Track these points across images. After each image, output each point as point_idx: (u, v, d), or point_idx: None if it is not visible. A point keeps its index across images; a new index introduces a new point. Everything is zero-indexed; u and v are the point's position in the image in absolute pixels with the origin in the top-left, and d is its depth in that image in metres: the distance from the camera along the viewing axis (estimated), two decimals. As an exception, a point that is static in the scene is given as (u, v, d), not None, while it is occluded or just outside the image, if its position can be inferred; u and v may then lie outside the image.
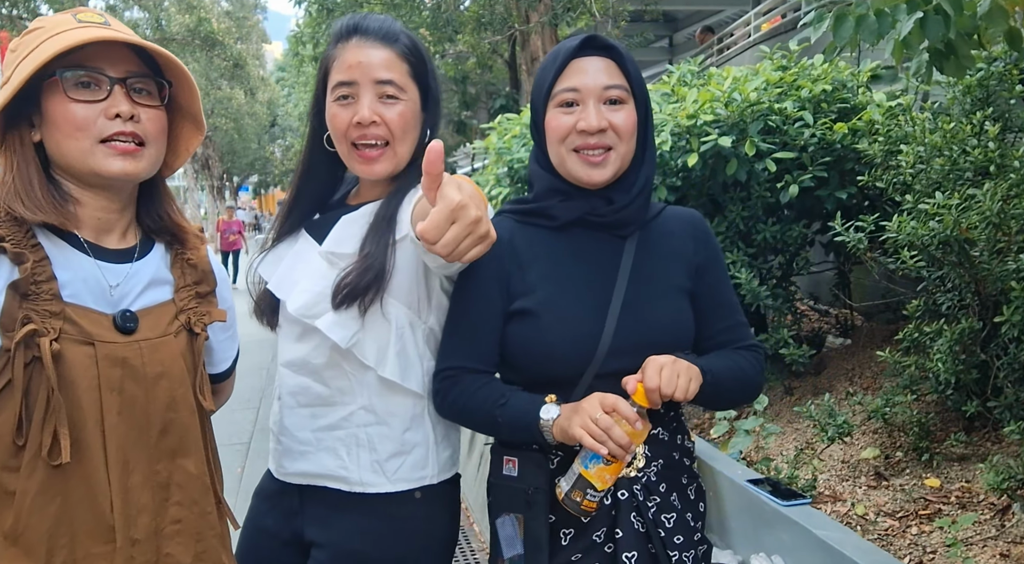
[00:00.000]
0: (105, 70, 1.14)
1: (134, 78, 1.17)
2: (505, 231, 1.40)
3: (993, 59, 2.94)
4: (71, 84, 1.13)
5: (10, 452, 1.08)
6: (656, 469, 1.37)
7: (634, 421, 1.22)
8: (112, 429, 1.13)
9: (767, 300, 3.57)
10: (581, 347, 1.33)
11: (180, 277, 1.27)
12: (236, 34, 23.18)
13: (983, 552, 2.40)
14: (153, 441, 1.17)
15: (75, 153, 1.13)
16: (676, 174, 3.62)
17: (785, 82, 3.68)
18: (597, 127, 1.30)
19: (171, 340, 1.20)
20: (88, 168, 1.14)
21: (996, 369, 2.77)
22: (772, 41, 6.19)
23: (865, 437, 3.27)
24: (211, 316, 1.28)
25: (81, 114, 1.12)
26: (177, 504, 1.20)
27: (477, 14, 11.54)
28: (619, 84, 1.33)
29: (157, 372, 1.17)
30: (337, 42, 1.45)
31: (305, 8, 12.58)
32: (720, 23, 15.14)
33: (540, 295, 1.36)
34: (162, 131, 1.20)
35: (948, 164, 2.78)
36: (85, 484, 1.11)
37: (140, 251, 1.24)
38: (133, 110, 1.14)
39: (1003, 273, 2.52)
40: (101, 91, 1.14)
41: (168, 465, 1.19)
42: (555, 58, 1.35)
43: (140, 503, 1.16)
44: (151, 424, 1.17)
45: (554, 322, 1.34)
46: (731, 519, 2.98)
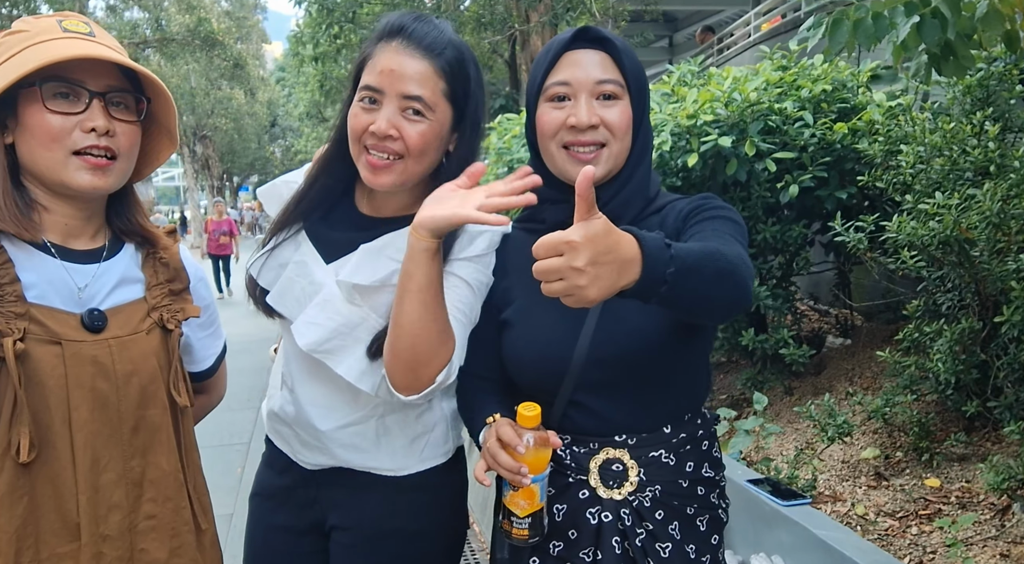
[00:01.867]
0: (85, 83, 1.15)
1: (113, 93, 1.17)
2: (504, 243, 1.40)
3: (993, 59, 2.94)
4: (50, 94, 1.13)
5: None
6: (653, 494, 1.28)
7: (515, 445, 1.17)
8: (81, 427, 1.13)
9: (767, 300, 3.57)
10: (551, 359, 1.27)
11: (152, 275, 1.28)
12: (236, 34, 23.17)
13: (983, 552, 2.40)
14: (126, 438, 1.18)
15: (47, 163, 1.14)
16: (676, 174, 3.62)
17: (785, 82, 3.68)
18: (588, 123, 1.24)
19: (142, 338, 1.21)
20: (58, 179, 1.15)
21: (996, 369, 2.77)
22: (772, 41, 6.19)
23: (865, 437, 3.28)
24: (185, 312, 1.29)
25: (57, 125, 1.13)
26: (151, 500, 1.21)
27: (477, 14, 11.55)
28: (613, 78, 1.26)
29: (128, 370, 1.18)
30: (380, 39, 1.33)
31: (305, 8, 12.59)
32: (720, 23, 15.14)
33: (517, 305, 1.34)
34: (134, 145, 1.21)
35: (948, 164, 2.78)
36: (51, 483, 1.12)
37: (109, 251, 1.25)
38: (109, 125, 1.15)
39: (1003, 273, 2.52)
40: (79, 104, 1.15)
41: (141, 462, 1.20)
42: (548, 51, 1.29)
43: (112, 500, 1.17)
44: (123, 421, 1.18)
45: (524, 334, 1.31)
46: (731, 519, 2.98)
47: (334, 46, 12.92)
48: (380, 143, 1.29)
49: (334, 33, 12.60)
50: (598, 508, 1.27)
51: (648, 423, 1.29)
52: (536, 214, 1.35)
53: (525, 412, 1.19)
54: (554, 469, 1.29)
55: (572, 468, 1.29)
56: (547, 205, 1.29)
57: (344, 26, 12.38)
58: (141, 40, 19.92)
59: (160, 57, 21.21)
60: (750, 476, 2.96)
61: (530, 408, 1.20)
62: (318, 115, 22.20)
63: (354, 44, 12.58)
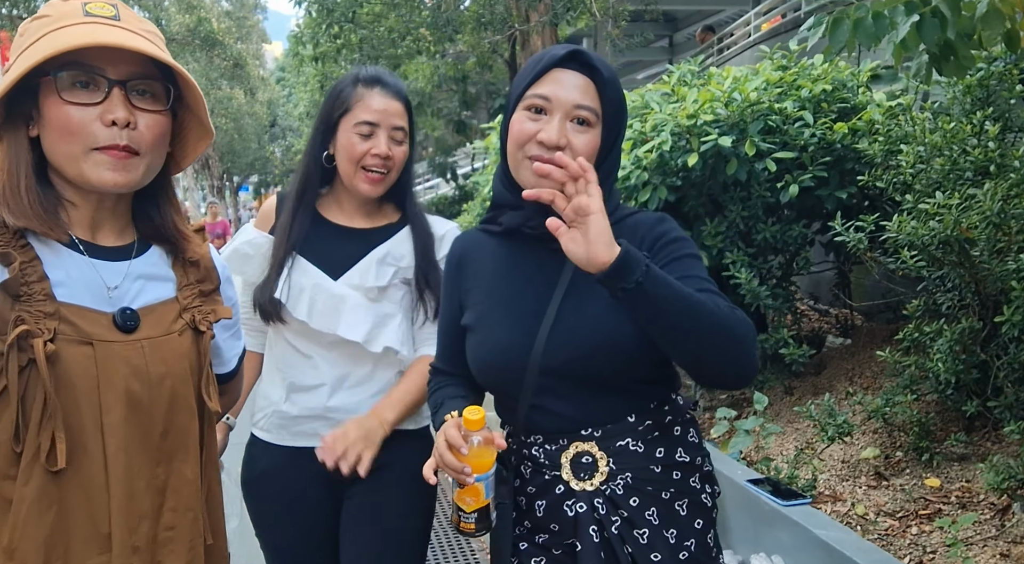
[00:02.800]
0: (105, 71, 1.06)
1: (136, 80, 1.09)
2: (464, 245, 1.48)
3: (993, 59, 2.94)
4: (66, 84, 1.06)
5: (9, 460, 1.03)
6: (624, 482, 1.30)
7: (459, 446, 1.23)
8: (113, 431, 1.08)
9: (767, 300, 3.57)
10: (506, 367, 1.33)
11: (182, 275, 1.22)
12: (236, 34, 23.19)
13: (983, 552, 2.40)
14: (155, 443, 1.13)
15: (66, 157, 1.08)
16: (676, 174, 3.62)
17: (785, 82, 3.68)
18: (555, 142, 1.26)
19: (175, 339, 1.16)
20: (78, 174, 1.09)
21: (996, 369, 2.77)
22: (772, 41, 6.19)
23: (865, 437, 3.28)
24: (216, 314, 1.23)
25: (75, 117, 1.06)
26: (171, 510, 1.15)
27: (477, 14, 11.53)
28: (590, 106, 1.29)
29: (161, 372, 1.13)
30: (358, 84, 1.75)
31: (305, 8, 12.58)
32: (720, 23, 15.14)
33: (478, 311, 1.39)
34: (161, 137, 1.13)
35: (948, 164, 2.78)
36: (83, 490, 1.06)
37: (139, 248, 1.19)
38: (130, 117, 1.07)
39: (1003, 273, 2.52)
40: (98, 93, 1.07)
41: (166, 469, 1.15)
42: (537, 62, 1.32)
43: (142, 509, 1.11)
44: (154, 426, 1.12)
45: (482, 340, 1.36)
46: (731, 519, 2.98)
47: (334, 46, 12.91)
48: (381, 162, 1.73)
49: (334, 33, 12.60)
50: (573, 500, 1.31)
51: (612, 416, 1.33)
52: (495, 216, 1.41)
53: (469, 416, 1.24)
54: (531, 468, 1.35)
55: (546, 465, 1.33)
56: (506, 209, 1.37)
57: (344, 26, 12.37)
58: (141, 40, 19.89)
59: (160, 57, 21.18)
60: (750, 476, 2.96)
61: (474, 412, 1.24)
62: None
63: (354, 44, 12.58)
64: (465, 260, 1.45)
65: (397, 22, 12.34)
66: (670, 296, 1.14)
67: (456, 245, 1.50)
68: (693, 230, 3.80)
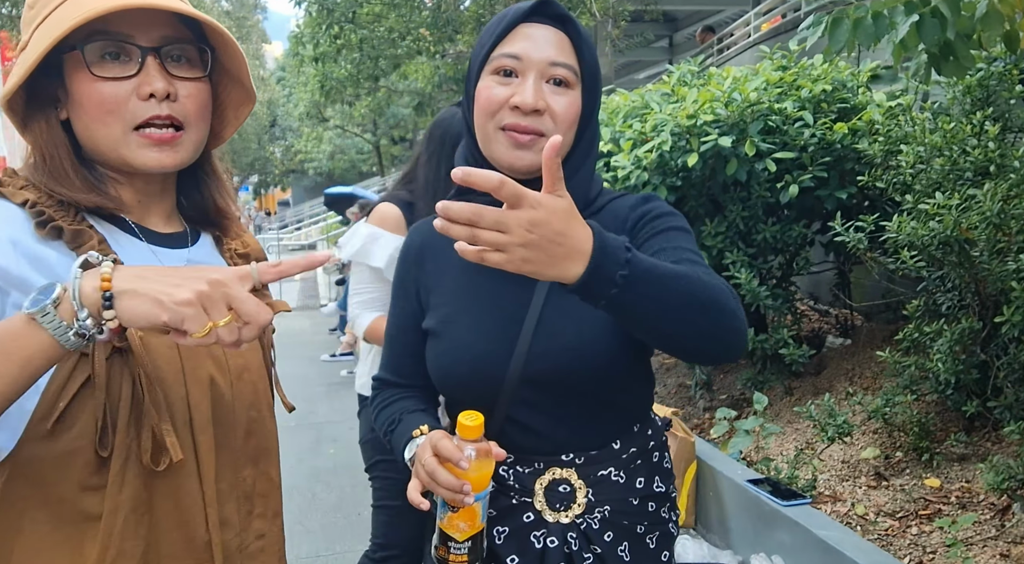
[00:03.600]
0: (135, 38, 0.94)
1: (170, 45, 0.96)
2: (422, 235, 1.27)
3: (993, 59, 2.94)
4: (95, 57, 0.93)
5: (91, 468, 0.89)
6: (601, 515, 1.18)
7: (458, 460, 1.02)
8: (203, 429, 0.97)
9: (767, 300, 3.57)
10: (481, 378, 1.15)
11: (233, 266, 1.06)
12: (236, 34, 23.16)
13: (983, 552, 2.40)
14: (239, 444, 1.02)
15: (105, 140, 0.96)
16: (676, 174, 3.62)
17: (785, 82, 3.68)
18: (533, 105, 1.08)
19: None
20: (120, 158, 0.97)
21: (996, 369, 2.77)
22: (772, 41, 6.19)
23: (865, 437, 3.28)
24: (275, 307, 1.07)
25: (109, 93, 0.93)
26: (260, 516, 1.04)
27: (477, 14, 11.54)
28: (568, 63, 1.11)
29: (239, 364, 1.03)
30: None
31: (305, 8, 12.59)
32: (720, 23, 15.14)
33: (443, 313, 1.21)
34: (205, 107, 1.01)
35: (948, 164, 2.78)
36: (174, 496, 0.94)
37: (192, 236, 1.09)
38: (169, 87, 0.95)
39: (1003, 273, 2.52)
40: (132, 64, 0.94)
41: (253, 471, 1.04)
42: (501, 19, 1.13)
43: (224, 515, 1.00)
44: (237, 424, 1.02)
45: (451, 348, 1.18)
46: (731, 519, 2.98)
47: (334, 46, 12.92)
48: None
49: (334, 33, 12.61)
50: (543, 532, 1.17)
51: (596, 439, 1.18)
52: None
53: (467, 422, 1.04)
54: (496, 489, 1.18)
55: (516, 489, 1.18)
56: (475, 195, 1.05)
57: (344, 26, 12.38)
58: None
59: (160, 57, 21.20)
60: (750, 476, 2.96)
61: (472, 417, 1.05)
62: (318, 115, 22.20)
63: (354, 44, 12.59)
64: (425, 253, 1.26)
65: (397, 22, 12.35)
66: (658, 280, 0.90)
67: (413, 236, 1.30)
68: (693, 230, 3.80)
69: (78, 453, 0.88)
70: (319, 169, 29.47)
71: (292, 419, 5.56)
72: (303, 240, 23.76)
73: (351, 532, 3.60)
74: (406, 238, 1.32)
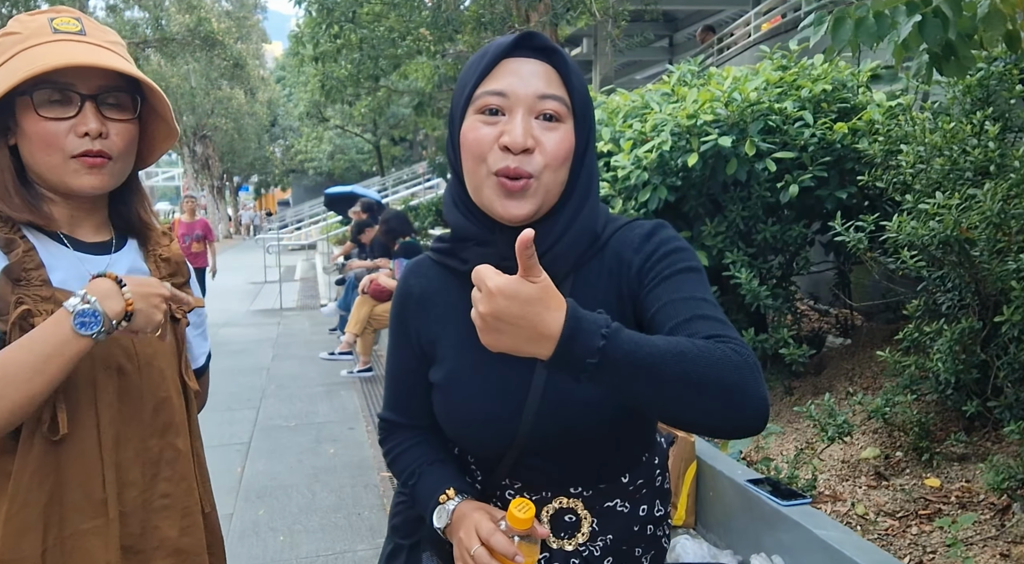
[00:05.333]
0: (76, 86, 1.16)
1: (106, 93, 1.19)
2: (419, 281, 1.21)
3: (993, 59, 2.94)
4: (42, 101, 1.16)
5: (8, 434, 1.12)
6: (604, 543, 1.17)
7: (512, 555, 1.00)
8: (107, 407, 1.19)
9: (767, 300, 3.57)
10: (492, 435, 1.12)
11: (155, 269, 1.33)
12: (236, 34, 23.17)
13: (983, 552, 2.40)
14: (147, 419, 1.24)
15: (47, 167, 1.18)
16: (676, 174, 3.62)
17: (785, 82, 3.68)
18: (523, 145, 1.01)
19: None
20: (61, 182, 1.19)
21: (996, 369, 2.77)
22: (772, 41, 6.19)
23: (865, 437, 3.28)
24: (189, 304, 1.33)
25: (52, 131, 1.16)
26: (166, 480, 1.26)
27: (477, 14, 11.54)
28: (558, 95, 1.05)
29: (148, 353, 1.25)
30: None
31: (305, 8, 12.58)
32: (720, 23, 15.15)
33: (448, 367, 1.16)
34: (131, 143, 1.24)
35: (948, 164, 2.78)
36: (79, 460, 1.16)
37: (116, 244, 1.31)
38: (101, 128, 1.18)
39: (1003, 273, 2.52)
40: (72, 107, 1.17)
41: (159, 442, 1.26)
42: (483, 55, 1.08)
43: (129, 478, 1.22)
44: (144, 403, 1.24)
45: (460, 406, 1.14)
46: (731, 519, 2.98)
47: (334, 46, 12.91)
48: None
49: (334, 33, 12.59)
50: (545, 557, 1.17)
51: (605, 475, 1.17)
52: (458, 250, 1.14)
53: (519, 514, 1.01)
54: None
55: None
56: (471, 244, 1.10)
57: (344, 26, 12.37)
58: (141, 40, 19.90)
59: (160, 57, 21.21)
60: (750, 476, 2.96)
61: (523, 508, 1.02)
62: (318, 115, 22.19)
63: (354, 44, 12.58)
64: (426, 302, 1.20)
65: (397, 22, 12.35)
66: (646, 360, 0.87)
67: (411, 281, 1.22)
68: (693, 230, 3.80)
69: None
70: (319, 169, 29.47)
71: (292, 419, 5.56)
72: (303, 240, 23.76)
73: (351, 532, 3.60)
74: (402, 282, 1.24)
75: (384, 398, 1.30)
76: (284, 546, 3.50)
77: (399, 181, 23.91)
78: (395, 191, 22.23)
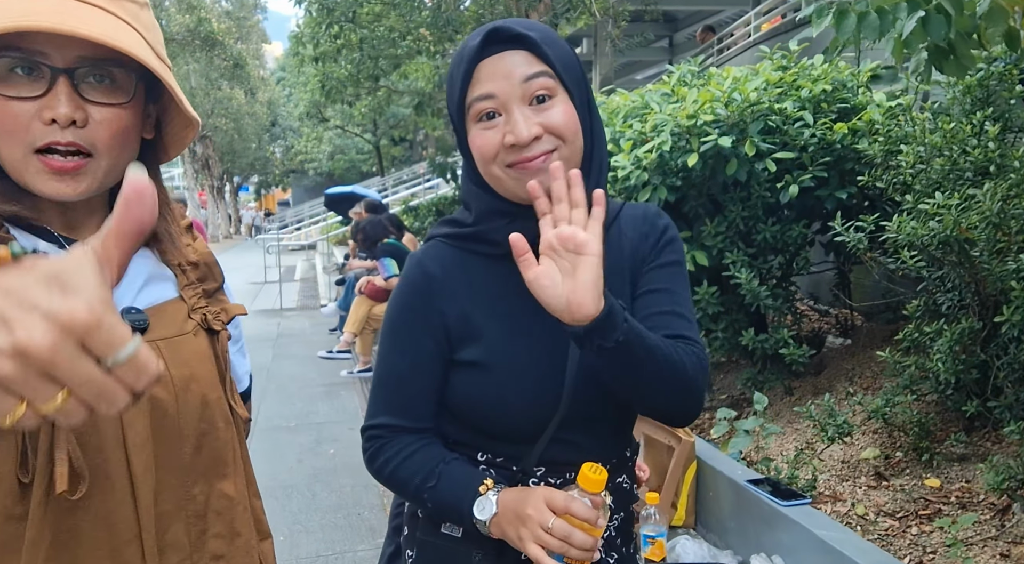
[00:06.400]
0: (48, 57, 0.84)
1: (86, 67, 0.87)
2: (437, 264, 1.18)
3: (993, 59, 2.94)
4: (3, 71, 0.85)
5: (14, 496, 0.82)
6: (616, 522, 1.19)
7: (595, 518, 1.01)
8: (139, 448, 0.90)
9: (767, 300, 3.57)
10: (542, 402, 1.12)
11: (181, 274, 1.05)
12: (236, 34, 23.21)
13: (983, 552, 2.40)
14: (187, 460, 0.95)
15: (8, 161, 0.88)
16: (676, 174, 3.62)
17: (785, 82, 3.68)
18: (529, 137, 1.03)
19: (191, 339, 1.00)
20: (22, 181, 0.89)
21: (996, 369, 2.77)
22: (772, 41, 6.19)
23: (865, 437, 3.28)
24: (227, 312, 1.07)
25: (11, 113, 0.85)
26: (216, 536, 0.98)
27: (477, 14, 11.54)
28: (541, 71, 1.05)
29: (185, 375, 0.96)
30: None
31: (305, 8, 12.59)
32: (720, 23, 15.15)
33: (489, 343, 1.14)
34: (121, 133, 0.91)
35: (948, 164, 2.78)
36: (105, 522, 0.87)
37: None
38: (75, 114, 0.86)
39: (1003, 273, 2.52)
40: (41, 84, 0.85)
41: (205, 488, 0.97)
42: (459, 63, 1.08)
43: (171, 538, 0.93)
44: (184, 438, 0.95)
45: (509, 376, 1.13)
46: (731, 519, 2.98)
47: (334, 46, 12.92)
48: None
49: (334, 33, 12.60)
50: None
51: (617, 449, 1.20)
52: (487, 235, 1.15)
53: (593, 475, 1.02)
54: None
55: None
56: (501, 225, 1.11)
57: (344, 26, 12.38)
58: (141, 40, 19.90)
59: (160, 57, 21.23)
60: (750, 476, 2.96)
61: (596, 469, 1.03)
62: (318, 115, 22.20)
63: (354, 44, 12.58)
64: (454, 280, 1.17)
65: (397, 22, 12.35)
66: (642, 353, 1.00)
67: (427, 267, 1.18)
68: (693, 230, 3.80)
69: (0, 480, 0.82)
70: (319, 169, 29.49)
71: (292, 419, 5.56)
72: (303, 240, 23.76)
73: (351, 532, 3.60)
74: (417, 268, 1.19)
75: (378, 402, 1.20)
76: (284, 546, 3.50)
77: (399, 181, 23.91)
78: (395, 191, 22.24)
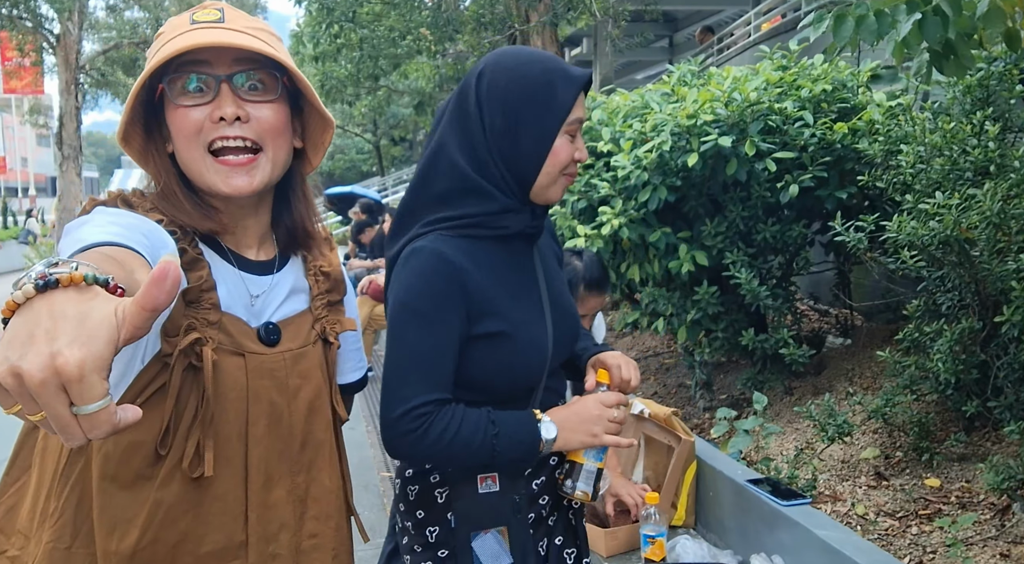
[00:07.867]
0: (210, 70, 1.05)
1: (241, 72, 1.07)
2: (451, 251, 1.31)
3: (993, 59, 2.94)
4: (177, 90, 1.06)
5: (149, 460, 1.03)
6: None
7: (624, 402, 1.38)
8: (257, 443, 1.09)
9: (767, 300, 3.57)
10: (543, 358, 1.38)
11: (315, 285, 1.22)
12: (236, 34, 23.10)
13: (983, 552, 2.40)
14: (295, 454, 1.14)
15: (191, 165, 1.07)
16: (676, 174, 3.62)
17: (785, 82, 3.68)
18: (586, 160, 1.42)
19: (311, 350, 1.17)
20: (205, 183, 1.07)
21: (996, 369, 2.77)
22: (772, 41, 6.19)
23: (865, 437, 3.28)
24: (342, 325, 1.24)
25: (190, 119, 1.05)
26: (314, 518, 1.17)
27: (477, 14, 11.55)
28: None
29: (297, 384, 1.14)
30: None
31: (305, 7, 12.60)
32: (720, 23, 15.15)
33: (507, 315, 1.33)
34: (279, 126, 1.10)
35: (948, 164, 2.78)
36: (221, 500, 1.07)
37: (279, 262, 1.19)
38: (238, 111, 1.05)
39: (1003, 273, 2.52)
40: (208, 92, 1.06)
41: (306, 478, 1.16)
42: (570, 83, 1.32)
43: (282, 518, 1.13)
44: (293, 436, 1.14)
45: (528, 341, 1.35)
46: (731, 519, 2.98)
47: (334, 45, 12.92)
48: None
49: (334, 32, 12.61)
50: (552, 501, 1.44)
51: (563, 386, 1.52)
52: (493, 221, 1.34)
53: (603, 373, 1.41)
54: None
55: None
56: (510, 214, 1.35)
57: (344, 25, 12.38)
58: (141, 40, 19.90)
59: (160, 57, 21.21)
60: (750, 476, 2.96)
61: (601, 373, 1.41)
62: (318, 115, 22.15)
63: (354, 43, 12.59)
64: (475, 264, 1.32)
65: (397, 22, 12.36)
66: None
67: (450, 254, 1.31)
68: (693, 230, 3.80)
69: (140, 446, 1.01)
70: (319, 169, 29.40)
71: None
72: (303, 240, 23.69)
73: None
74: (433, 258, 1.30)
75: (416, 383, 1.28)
76: (284, 546, 3.50)
77: (399, 181, 23.91)
78: (395, 191, 22.24)
